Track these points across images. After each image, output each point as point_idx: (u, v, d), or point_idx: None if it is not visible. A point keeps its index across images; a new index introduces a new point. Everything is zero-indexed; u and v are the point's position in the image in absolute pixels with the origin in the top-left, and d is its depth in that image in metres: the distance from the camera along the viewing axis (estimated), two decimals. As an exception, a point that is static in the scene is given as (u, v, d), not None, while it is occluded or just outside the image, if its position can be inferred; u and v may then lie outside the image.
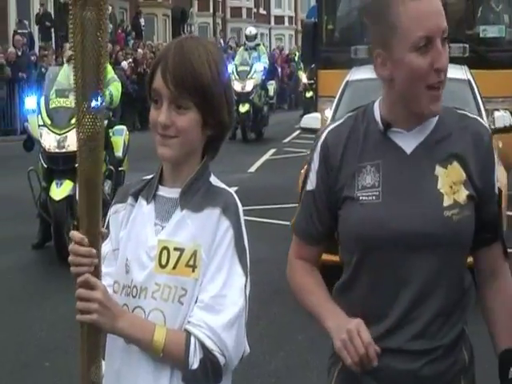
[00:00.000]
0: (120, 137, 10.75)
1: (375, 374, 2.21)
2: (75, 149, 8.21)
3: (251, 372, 6.25)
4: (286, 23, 55.63)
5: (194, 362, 2.13)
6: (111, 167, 10.11)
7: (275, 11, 57.65)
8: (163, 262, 2.17)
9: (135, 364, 2.21)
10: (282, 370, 6.46)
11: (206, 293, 2.15)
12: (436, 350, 2.23)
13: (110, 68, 10.90)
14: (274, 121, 24.37)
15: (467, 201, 2.20)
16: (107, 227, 2.30)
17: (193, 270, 2.16)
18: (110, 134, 10.38)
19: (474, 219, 2.23)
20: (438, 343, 2.23)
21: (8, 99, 22.81)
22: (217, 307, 2.14)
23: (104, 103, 2.08)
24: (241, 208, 2.25)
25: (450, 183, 2.21)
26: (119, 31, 34.20)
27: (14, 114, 22.39)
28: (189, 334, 2.13)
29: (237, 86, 20.97)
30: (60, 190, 9.25)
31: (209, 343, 2.11)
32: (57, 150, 9.33)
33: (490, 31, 11.51)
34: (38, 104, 9.83)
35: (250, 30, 23.82)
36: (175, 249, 2.16)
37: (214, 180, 2.27)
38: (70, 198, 9.20)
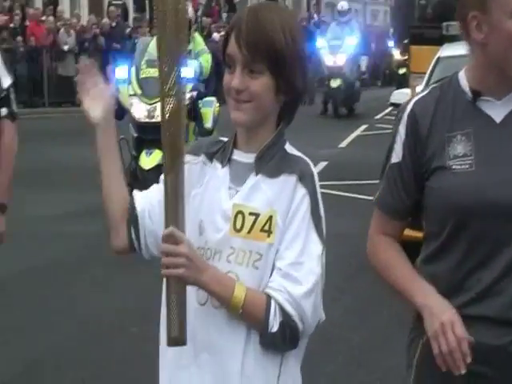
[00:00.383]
0: (209, 108, 10.79)
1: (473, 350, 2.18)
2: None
3: (334, 346, 6.32)
4: None
5: (274, 325, 2.14)
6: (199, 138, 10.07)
7: None
8: (238, 225, 2.19)
9: (210, 325, 2.23)
10: (366, 344, 6.45)
11: (283, 260, 2.16)
12: None
13: (200, 40, 11.33)
14: (367, 97, 24.30)
15: None
16: None
17: (268, 235, 2.18)
18: (200, 106, 10.50)
19: None
20: None
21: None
22: (295, 274, 2.15)
23: (186, 73, 2.07)
24: (317, 177, 2.26)
25: None
26: (213, 4, 34.84)
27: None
28: (269, 297, 2.14)
29: (328, 61, 21.54)
30: (150, 159, 9.52)
31: (289, 308, 2.12)
32: (147, 120, 9.55)
33: None
34: (129, 74, 9.97)
35: (342, 4, 23.74)
36: (250, 213, 2.19)
37: (289, 148, 2.30)
38: (159, 167, 8.93)
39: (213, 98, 10.92)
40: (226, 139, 2.37)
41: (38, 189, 12.14)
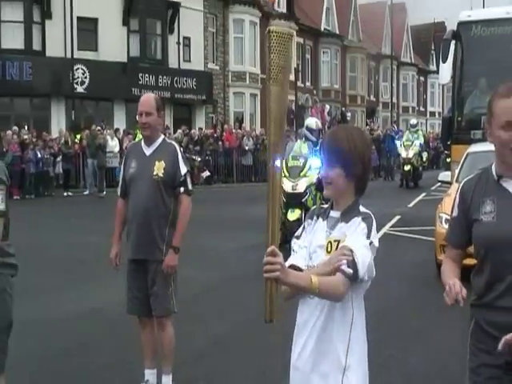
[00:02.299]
0: None
1: (496, 325, 2.64)
2: (302, 191, 11.52)
3: (397, 327, 7.00)
4: (437, 116, 55.82)
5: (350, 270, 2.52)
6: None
7: (430, 108, 58.69)
8: (329, 249, 2.62)
9: (312, 308, 2.65)
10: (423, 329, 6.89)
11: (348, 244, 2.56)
12: None
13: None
14: (426, 176, 25.54)
15: None
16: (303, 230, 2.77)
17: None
18: None
19: None
20: None
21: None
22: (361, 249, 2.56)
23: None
24: (374, 220, 2.64)
25: None
26: (329, 117, 37.14)
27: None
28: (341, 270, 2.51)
29: (403, 154, 24.19)
30: (293, 215, 10.70)
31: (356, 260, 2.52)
32: (291, 191, 10.77)
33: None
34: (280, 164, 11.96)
35: (413, 120, 26.89)
36: (334, 241, 2.62)
37: (361, 208, 2.70)
38: (298, 220, 10.39)
39: None
40: (326, 206, 2.78)
41: (230, 230, 13.70)
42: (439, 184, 14.81)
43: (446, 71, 12.90)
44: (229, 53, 34.42)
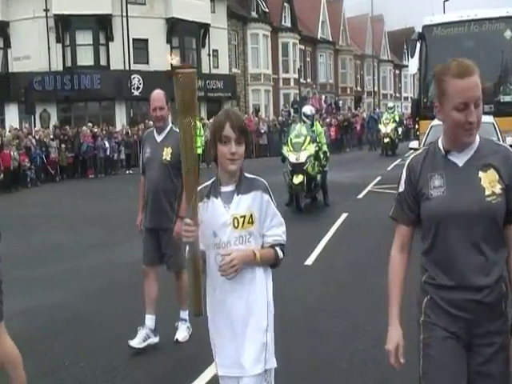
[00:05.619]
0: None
1: (452, 303, 2.04)
2: (303, 161, 10.78)
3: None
4: (409, 100, 51.54)
5: (281, 254, 2.34)
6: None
7: (404, 94, 55.61)
8: (236, 224, 2.23)
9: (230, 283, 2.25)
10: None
11: (272, 230, 2.31)
12: (488, 286, 2.00)
13: (319, 126, 12.05)
14: (401, 146, 23.32)
15: (501, 192, 2.02)
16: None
17: (252, 224, 2.24)
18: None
19: (505, 205, 2.03)
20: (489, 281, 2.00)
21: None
22: (280, 228, 2.34)
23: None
24: (268, 186, 2.31)
25: (489, 181, 2.03)
26: (326, 105, 35.87)
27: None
28: (273, 246, 2.31)
29: (383, 129, 23.34)
30: (297, 179, 10.52)
31: (282, 242, 2.34)
32: (295, 161, 10.60)
33: (506, 98, 11.76)
34: (286, 140, 11.03)
35: (390, 104, 26.47)
36: (241, 216, 2.23)
37: (247, 174, 2.32)
38: (301, 183, 10.53)
39: (326, 150, 11.64)
40: (209, 183, 2.32)
41: None
42: (411, 151, 14.43)
43: (413, 64, 12.60)
44: (247, 59, 34.25)
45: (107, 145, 21.49)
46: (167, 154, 4.45)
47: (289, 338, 4.42)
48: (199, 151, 16.51)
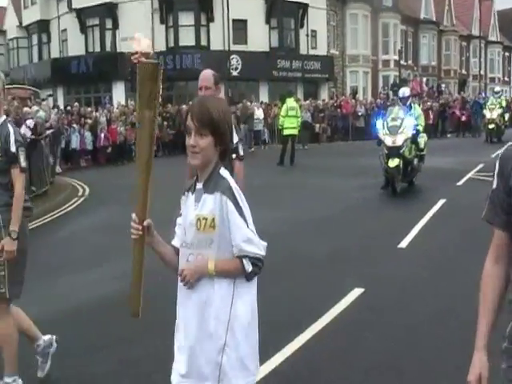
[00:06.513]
0: (422, 139, 11.37)
1: None
2: (400, 144, 10.54)
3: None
4: None
5: (249, 267, 2.03)
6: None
7: None
8: (198, 226, 2.04)
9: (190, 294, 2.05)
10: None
11: (234, 240, 2.02)
12: None
13: (418, 108, 12.03)
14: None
15: None
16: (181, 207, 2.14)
17: (214, 228, 2.03)
18: (417, 137, 10.94)
19: None
20: None
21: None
22: (252, 240, 2.03)
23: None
24: (234, 185, 2.05)
25: None
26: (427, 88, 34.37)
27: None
28: (239, 258, 2.02)
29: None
30: (393, 162, 10.44)
31: (254, 253, 2.03)
32: (391, 145, 10.53)
33: None
34: (383, 124, 10.80)
35: (497, 88, 24.49)
36: (203, 218, 2.03)
37: (222, 171, 2.08)
38: (397, 166, 10.40)
39: (423, 134, 11.59)
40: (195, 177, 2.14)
41: (346, 175, 13.11)
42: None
43: None
44: (346, 40, 33.71)
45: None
46: None
47: (380, 316, 4.52)
48: (295, 132, 16.65)
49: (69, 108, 20.44)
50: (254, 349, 2.10)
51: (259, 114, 23.08)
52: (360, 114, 26.80)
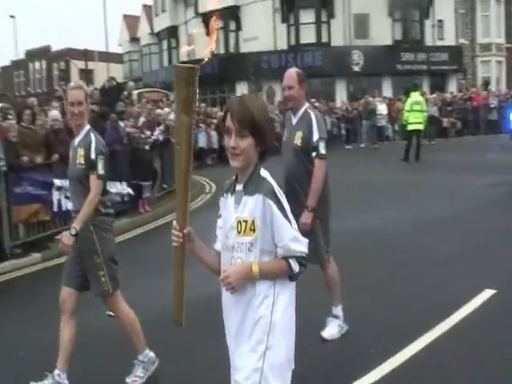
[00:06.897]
0: None
1: None
2: None
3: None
4: None
5: (296, 268, 2.01)
6: None
7: None
8: (239, 229, 2.02)
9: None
10: None
11: (280, 242, 2.00)
12: None
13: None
14: None
15: None
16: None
17: (254, 232, 1.99)
18: None
19: None
20: None
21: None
22: (299, 238, 2.02)
23: None
24: (276, 188, 2.00)
25: None
26: None
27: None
28: (286, 258, 2.01)
29: None
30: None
31: (299, 253, 2.02)
32: None
33: None
34: None
35: None
36: (243, 221, 2.00)
37: (262, 172, 2.05)
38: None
39: None
40: (234, 177, 2.11)
41: (477, 172, 12.47)
42: None
43: None
44: (476, 29, 31.90)
45: (328, 119, 22.11)
46: (298, 138, 4.15)
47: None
48: (420, 127, 16.06)
49: (196, 108, 21.38)
50: (291, 351, 2.07)
51: (382, 109, 22.54)
52: (492, 106, 25.26)
